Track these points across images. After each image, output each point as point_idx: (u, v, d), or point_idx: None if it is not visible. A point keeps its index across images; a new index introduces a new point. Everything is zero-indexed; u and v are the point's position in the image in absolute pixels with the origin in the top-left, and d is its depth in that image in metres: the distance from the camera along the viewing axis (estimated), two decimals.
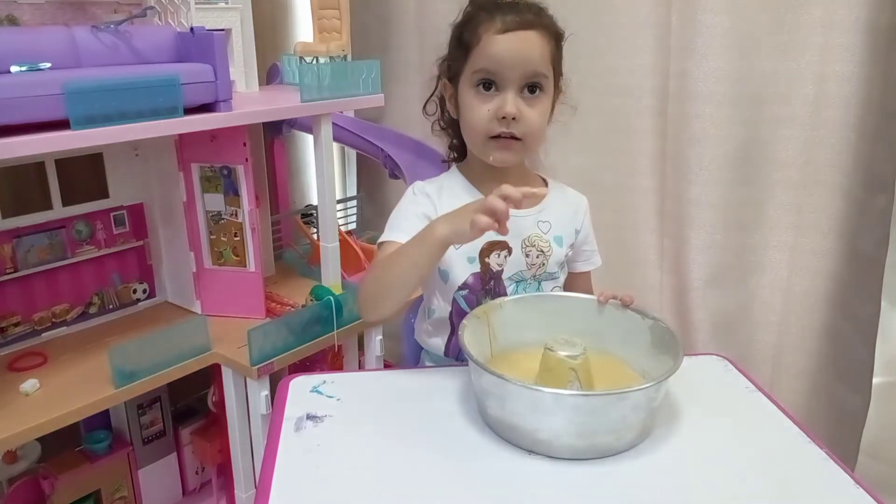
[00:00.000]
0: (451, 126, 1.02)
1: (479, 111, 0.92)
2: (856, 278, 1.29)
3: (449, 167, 1.06)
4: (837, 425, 1.36)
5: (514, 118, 0.90)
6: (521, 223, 0.96)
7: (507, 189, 0.79)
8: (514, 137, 0.92)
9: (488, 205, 0.78)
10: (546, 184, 1.04)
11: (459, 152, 1.05)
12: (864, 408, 1.34)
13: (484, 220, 0.78)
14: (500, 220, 0.79)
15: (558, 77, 0.96)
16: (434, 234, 0.83)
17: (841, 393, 1.35)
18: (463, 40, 0.93)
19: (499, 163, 0.94)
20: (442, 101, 1.02)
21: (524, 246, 0.97)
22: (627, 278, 1.45)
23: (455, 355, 0.99)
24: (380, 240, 0.96)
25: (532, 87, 0.91)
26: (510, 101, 0.90)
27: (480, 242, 0.94)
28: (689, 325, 1.42)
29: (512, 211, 0.96)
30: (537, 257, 0.97)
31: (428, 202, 0.96)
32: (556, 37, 0.94)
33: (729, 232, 1.36)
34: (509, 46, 0.89)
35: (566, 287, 1.03)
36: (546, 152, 1.04)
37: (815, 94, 1.24)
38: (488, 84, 0.91)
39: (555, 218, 1.00)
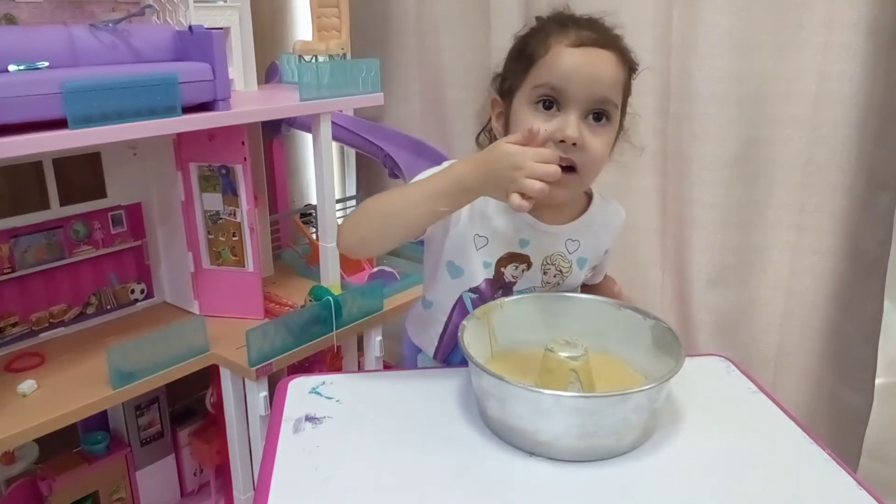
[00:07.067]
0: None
1: None
2: (858, 278, 1.29)
3: None
4: (840, 426, 1.35)
5: (574, 143, 0.78)
6: (549, 240, 0.90)
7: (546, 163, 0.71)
8: (570, 168, 0.79)
9: (534, 170, 0.69)
10: (589, 197, 0.93)
11: None
12: (866, 408, 1.34)
13: (538, 185, 0.69)
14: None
15: (624, 112, 0.85)
16: (462, 180, 0.74)
17: (843, 393, 1.34)
18: (526, 51, 0.82)
19: (546, 199, 0.75)
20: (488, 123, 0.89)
21: (544, 263, 0.91)
22: (629, 278, 1.44)
23: (444, 359, 0.98)
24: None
25: (598, 115, 0.80)
26: (572, 124, 0.77)
27: (502, 251, 0.89)
28: (690, 325, 1.42)
29: (543, 226, 0.87)
30: (554, 276, 0.92)
31: None
32: (629, 66, 0.83)
33: (730, 232, 1.35)
34: (581, 62, 0.78)
35: None
36: None
37: (817, 94, 1.23)
38: (549, 103, 0.79)
39: (586, 238, 0.92)
